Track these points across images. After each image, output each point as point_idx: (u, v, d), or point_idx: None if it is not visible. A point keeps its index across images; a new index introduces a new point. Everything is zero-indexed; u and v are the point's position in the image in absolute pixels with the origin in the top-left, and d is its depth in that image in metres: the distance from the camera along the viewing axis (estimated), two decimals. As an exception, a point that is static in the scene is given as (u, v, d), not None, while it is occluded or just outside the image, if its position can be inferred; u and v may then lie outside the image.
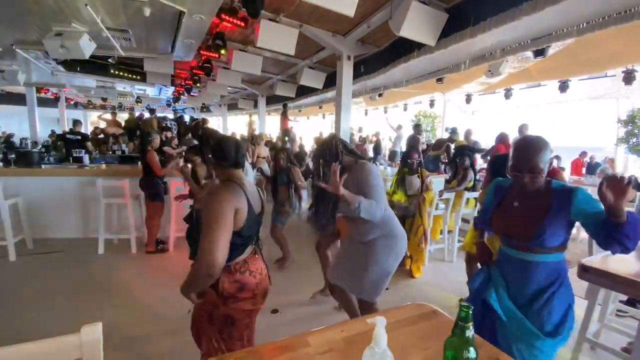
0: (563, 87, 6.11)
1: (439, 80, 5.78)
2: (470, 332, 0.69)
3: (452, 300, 3.02)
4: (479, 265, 1.66)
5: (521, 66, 5.58)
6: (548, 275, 1.34)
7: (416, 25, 3.70)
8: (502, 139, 5.90)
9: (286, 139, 7.37)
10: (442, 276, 3.60)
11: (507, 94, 7.23)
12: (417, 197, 3.43)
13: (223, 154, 1.42)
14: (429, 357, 0.93)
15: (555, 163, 9.83)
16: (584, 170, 8.71)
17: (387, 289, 3.13)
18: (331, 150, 1.89)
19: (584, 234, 5.09)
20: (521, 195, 1.39)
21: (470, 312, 0.70)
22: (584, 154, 9.26)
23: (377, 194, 1.82)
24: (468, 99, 8.26)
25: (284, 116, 9.21)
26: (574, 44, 4.26)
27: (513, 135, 6.29)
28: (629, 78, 5.15)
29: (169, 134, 5.03)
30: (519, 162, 1.31)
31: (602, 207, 1.17)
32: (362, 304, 2.01)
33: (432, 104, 9.62)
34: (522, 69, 5.68)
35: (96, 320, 0.88)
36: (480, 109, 10.37)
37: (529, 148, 1.30)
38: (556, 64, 5.22)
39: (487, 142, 7.50)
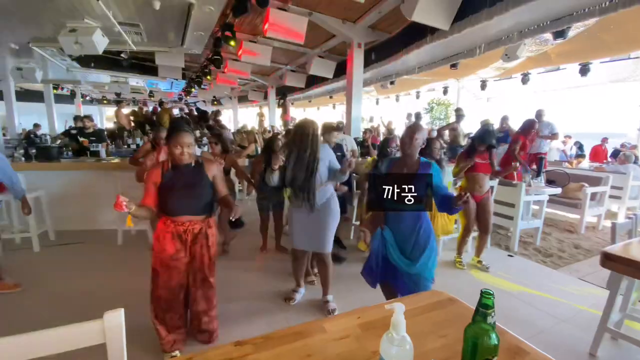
0: (584, 70, 5.87)
1: (453, 66, 5.63)
2: (492, 319, 0.68)
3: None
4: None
5: (539, 49, 5.36)
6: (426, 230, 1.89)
7: (429, 8, 3.60)
8: (525, 127, 4.46)
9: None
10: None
11: (524, 79, 6.99)
12: None
13: None
14: (446, 344, 0.91)
15: (574, 150, 9.56)
16: (609, 156, 8.43)
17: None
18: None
19: (604, 223, 4.93)
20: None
21: (492, 299, 0.68)
22: (604, 139, 8.94)
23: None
24: (483, 85, 8.04)
25: (284, 107, 9.11)
26: (596, 24, 4.06)
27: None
28: (655, 59, 4.89)
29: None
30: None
31: (445, 186, 1.84)
32: (320, 255, 2.41)
33: (445, 91, 9.42)
34: (541, 52, 5.47)
35: (116, 307, 0.90)
36: (495, 96, 10.08)
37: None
38: (576, 46, 5.00)
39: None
